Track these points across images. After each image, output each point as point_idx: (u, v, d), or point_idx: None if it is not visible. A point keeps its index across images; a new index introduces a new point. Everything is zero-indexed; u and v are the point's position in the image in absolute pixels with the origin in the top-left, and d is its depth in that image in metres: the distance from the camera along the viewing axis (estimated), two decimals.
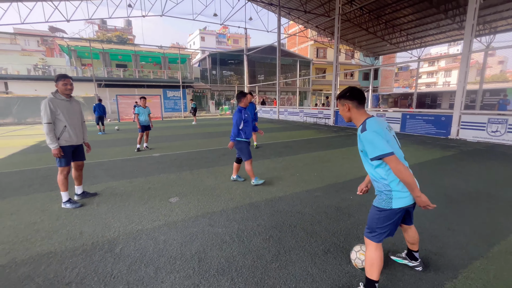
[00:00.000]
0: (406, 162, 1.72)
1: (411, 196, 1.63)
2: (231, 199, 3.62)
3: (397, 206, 1.63)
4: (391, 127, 1.79)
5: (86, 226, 2.88)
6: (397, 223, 1.70)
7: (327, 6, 19.41)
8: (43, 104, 3.20)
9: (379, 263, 1.66)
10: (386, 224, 1.66)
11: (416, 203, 1.66)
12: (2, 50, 34.55)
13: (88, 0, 16.76)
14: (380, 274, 1.71)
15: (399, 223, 1.74)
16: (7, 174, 5.08)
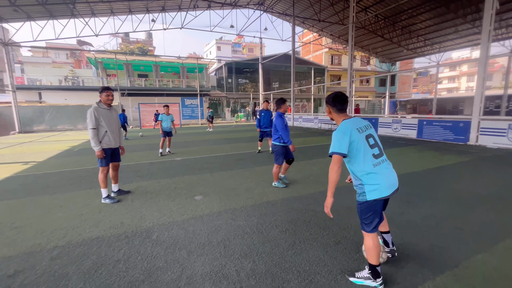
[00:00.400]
0: (387, 161, 1.99)
1: (383, 188, 1.86)
2: (250, 197, 3.94)
3: (372, 198, 1.85)
4: (367, 128, 1.99)
5: (125, 217, 3.31)
6: (379, 212, 1.91)
7: (341, 15, 19.67)
8: (89, 113, 3.72)
9: (376, 249, 1.89)
10: (369, 215, 1.89)
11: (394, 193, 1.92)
12: (35, 62, 37.57)
13: (114, 16, 18.12)
14: (379, 258, 1.94)
15: (381, 212, 1.94)
16: (50, 174, 5.71)
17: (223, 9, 21.43)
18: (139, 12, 18.80)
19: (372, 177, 1.86)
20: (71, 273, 2.18)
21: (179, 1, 18.86)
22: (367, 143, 1.91)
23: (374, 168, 1.87)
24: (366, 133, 1.95)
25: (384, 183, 1.87)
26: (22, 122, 17.45)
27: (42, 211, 3.58)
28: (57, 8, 15.23)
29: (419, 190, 4.23)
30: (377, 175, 1.86)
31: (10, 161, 7.23)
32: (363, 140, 1.90)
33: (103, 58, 23.52)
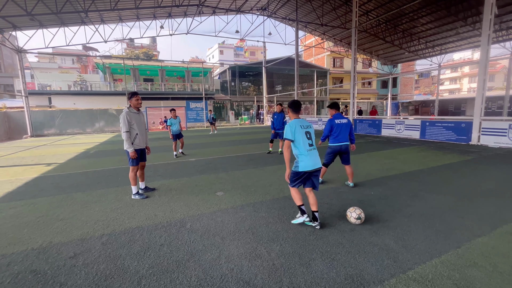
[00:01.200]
0: (311, 148, 3.01)
1: (310, 164, 2.92)
2: (267, 193, 4.27)
3: (301, 170, 2.93)
4: (308, 127, 3.06)
5: (157, 211, 3.65)
6: (302, 181, 3.00)
7: (343, 19, 20.08)
8: (122, 117, 4.07)
9: (296, 195, 3.01)
10: (295, 179, 3.00)
11: (317, 171, 3.02)
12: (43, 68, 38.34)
13: (123, 23, 18.66)
14: (301, 200, 3.01)
15: (304, 181, 3.00)
16: (75, 174, 6.08)
17: (227, 15, 21.95)
18: (147, 19, 19.34)
19: (303, 158, 2.93)
20: (123, 254, 2.52)
21: (185, 8, 19.38)
22: (305, 136, 2.98)
23: (307, 152, 2.94)
24: (306, 130, 3.02)
25: (310, 163, 2.92)
26: (34, 126, 17.95)
27: (80, 206, 3.93)
28: (69, 17, 15.76)
29: (424, 185, 4.54)
30: (307, 156, 2.92)
31: (33, 163, 7.62)
32: (303, 133, 2.97)
33: (110, 63, 24.09)
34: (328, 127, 4.44)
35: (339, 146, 4.38)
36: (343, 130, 4.35)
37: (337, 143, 4.38)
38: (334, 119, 4.41)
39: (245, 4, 21.26)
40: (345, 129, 4.37)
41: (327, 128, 4.46)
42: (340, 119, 4.39)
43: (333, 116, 4.48)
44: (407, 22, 19.35)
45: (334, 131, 4.38)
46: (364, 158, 7.19)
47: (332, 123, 4.39)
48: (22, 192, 4.70)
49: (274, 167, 6.22)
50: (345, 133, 4.38)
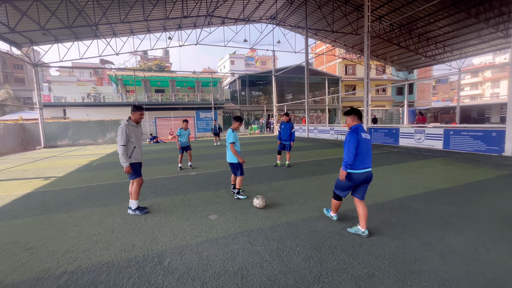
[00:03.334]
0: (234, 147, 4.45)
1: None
2: (267, 217, 3.68)
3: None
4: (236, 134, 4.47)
5: (137, 239, 3.14)
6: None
7: (354, 25, 19.53)
8: (120, 130, 3.80)
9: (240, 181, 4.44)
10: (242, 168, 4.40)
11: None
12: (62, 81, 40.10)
13: (134, 36, 19.03)
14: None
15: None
16: (68, 190, 5.74)
17: (236, 25, 21.99)
18: (157, 31, 19.66)
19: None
20: None
21: (194, 19, 19.55)
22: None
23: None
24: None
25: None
26: (47, 137, 18.32)
27: (56, 230, 3.51)
28: (82, 30, 16.20)
29: (456, 208, 3.79)
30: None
31: (32, 177, 7.43)
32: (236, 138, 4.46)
33: (122, 75, 24.62)
34: (354, 142, 2.87)
35: (364, 174, 2.95)
36: (369, 150, 2.97)
37: (363, 169, 2.93)
38: (359, 131, 2.95)
39: (254, 14, 21.24)
40: (370, 148, 3.00)
41: (351, 145, 2.87)
42: (365, 133, 2.98)
43: (355, 127, 3.01)
44: (423, 26, 18.48)
45: (359, 150, 2.90)
46: (382, 172, 6.44)
47: (359, 138, 2.89)
48: (4, 212, 4.37)
49: (280, 184, 5.62)
50: (370, 155, 2.99)
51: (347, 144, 2.92)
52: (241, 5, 18.45)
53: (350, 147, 2.87)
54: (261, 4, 19.56)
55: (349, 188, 3.07)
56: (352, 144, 2.86)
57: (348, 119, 3.09)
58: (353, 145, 2.86)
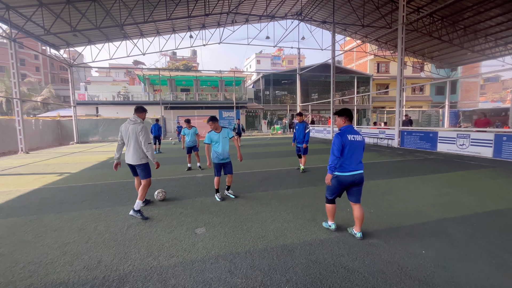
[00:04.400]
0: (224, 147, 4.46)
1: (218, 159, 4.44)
2: (261, 236, 3.08)
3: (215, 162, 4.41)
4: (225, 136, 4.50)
5: (107, 253, 2.75)
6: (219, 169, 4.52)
7: (388, 18, 17.88)
8: (145, 128, 3.86)
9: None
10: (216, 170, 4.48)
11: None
12: (100, 81, 43.08)
13: (160, 36, 19.47)
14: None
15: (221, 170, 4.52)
16: (72, 188, 5.68)
17: (260, 22, 21.49)
18: (182, 31, 19.91)
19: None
20: None
21: (218, 18, 19.45)
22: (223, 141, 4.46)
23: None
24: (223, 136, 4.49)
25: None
26: (80, 134, 19.52)
27: (35, 235, 3.27)
28: (112, 31, 16.90)
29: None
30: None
31: (49, 172, 7.65)
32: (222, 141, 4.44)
33: (150, 75, 25.50)
34: (338, 145, 2.83)
35: (352, 176, 2.87)
36: (357, 152, 2.87)
37: (350, 171, 2.86)
38: (345, 133, 2.87)
39: (279, 10, 20.56)
40: (360, 150, 2.90)
41: (335, 148, 2.84)
42: (354, 135, 2.88)
43: (343, 129, 2.94)
44: (471, 17, 16.28)
45: (345, 153, 2.84)
46: (412, 183, 5.45)
47: (343, 139, 2.83)
48: (1, 209, 4.32)
49: (289, 192, 4.96)
50: (359, 157, 2.90)
51: (333, 145, 2.89)
52: (265, 2, 17.87)
53: (334, 149, 2.87)
54: (286, 0, 18.84)
55: (337, 190, 3.03)
56: (336, 147, 2.85)
57: (339, 120, 3.01)
58: (337, 148, 2.84)
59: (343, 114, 2.96)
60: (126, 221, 3.67)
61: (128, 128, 3.83)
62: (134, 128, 3.82)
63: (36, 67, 46.77)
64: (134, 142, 3.80)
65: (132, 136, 3.79)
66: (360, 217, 2.94)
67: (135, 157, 3.84)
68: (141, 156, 3.85)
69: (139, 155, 3.84)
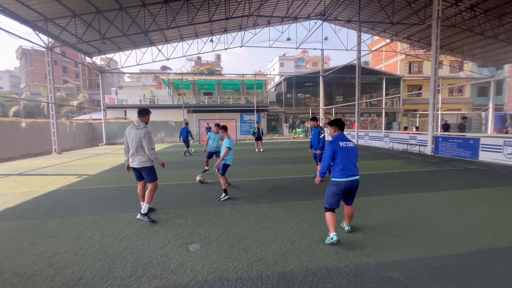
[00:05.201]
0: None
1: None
2: (259, 259, 2.70)
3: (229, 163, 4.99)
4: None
5: (91, 269, 2.56)
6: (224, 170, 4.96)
7: (421, 14, 16.52)
8: (148, 134, 3.77)
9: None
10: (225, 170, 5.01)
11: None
12: (131, 86, 45.69)
13: (183, 41, 19.98)
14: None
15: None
16: (85, 191, 5.76)
17: (282, 24, 21.14)
18: (204, 36, 20.26)
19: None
20: None
21: (239, 21, 19.48)
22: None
23: None
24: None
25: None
26: (109, 135, 20.62)
27: (32, 241, 3.23)
28: (138, 38, 17.67)
29: None
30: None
31: (71, 173, 7.96)
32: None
33: (174, 79, 26.34)
34: (329, 152, 3.01)
35: (350, 182, 2.98)
36: (351, 157, 3.02)
37: (347, 177, 2.96)
38: (337, 141, 3.04)
39: (301, 11, 20.07)
40: (353, 156, 3.06)
41: (327, 154, 3.02)
42: (346, 142, 3.06)
43: (335, 137, 3.14)
44: None
45: (339, 159, 2.98)
46: (447, 199, 4.69)
47: (334, 147, 2.99)
48: (14, 211, 4.44)
49: (299, 205, 4.51)
50: (354, 161, 3.05)
51: (324, 153, 3.08)
52: (286, 3, 17.49)
53: (325, 157, 3.04)
54: (309, 1, 18.29)
55: (338, 197, 3.05)
56: (326, 154, 3.02)
57: (330, 130, 3.21)
58: (328, 155, 3.01)
59: (334, 124, 3.17)
60: (122, 230, 3.51)
61: (131, 133, 3.77)
62: (137, 133, 3.73)
63: (76, 74, 50.99)
64: (137, 147, 3.75)
65: (136, 141, 3.71)
66: (350, 215, 3.27)
67: (139, 161, 3.79)
68: (145, 159, 3.79)
69: (143, 158, 3.78)
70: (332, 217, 2.99)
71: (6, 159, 11.47)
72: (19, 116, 27.98)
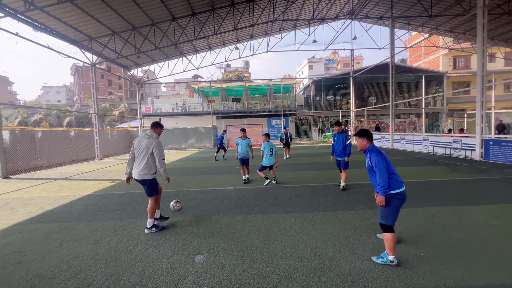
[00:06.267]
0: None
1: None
2: (263, 275, 2.55)
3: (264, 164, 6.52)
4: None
5: (101, 275, 2.67)
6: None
7: (466, 4, 14.90)
8: (160, 145, 3.87)
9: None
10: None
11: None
12: (166, 95, 48.74)
13: (211, 50, 20.71)
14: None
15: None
16: (114, 196, 6.16)
17: (308, 27, 20.75)
18: (231, 43, 20.77)
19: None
20: None
21: (265, 27, 19.59)
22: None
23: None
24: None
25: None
26: None
27: (59, 244, 3.50)
28: (170, 50, 18.77)
29: None
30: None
31: (106, 178, 8.63)
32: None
33: (204, 87, 27.39)
34: (384, 164, 2.67)
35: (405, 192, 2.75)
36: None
37: (403, 187, 2.72)
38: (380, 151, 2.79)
39: (329, 12, 19.50)
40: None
41: (383, 166, 2.65)
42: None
43: (373, 148, 2.83)
44: None
45: (392, 168, 2.73)
46: (500, 217, 4.00)
47: (384, 156, 2.74)
48: (51, 214, 4.90)
49: (316, 216, 4.25)
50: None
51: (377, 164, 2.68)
52: (311, 6, 17.12)
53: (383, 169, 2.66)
54: (336, 0, 17.69)
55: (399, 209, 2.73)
56: (383, 167, 2.67)
57: (361, 141, 2.90)
58: (385, 167, 2.67)
59: (365, 135, 2.88)
60: (137, 237, 3.64)
61: (142, 142, 3.84)
62: (148, 142, 3.81)
63: (119, 86, 56.00)
64: (144, 157, 3.75)
65: (144, 150, 3.77)
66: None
67: (141, 172, 3.75)
68: (146, 172, 3.75)
69: (145, 170, 3.74)
70: (395, 238, 2.67)
71: (58, 165, 12.90)
72: (71, 126, 31.55)
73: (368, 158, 2.79)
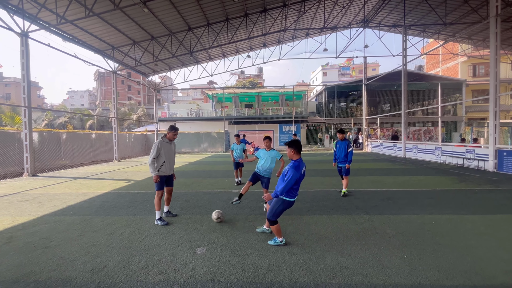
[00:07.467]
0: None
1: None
2: (254, 267, 2.84)
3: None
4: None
5: (114, 260, 3.06)
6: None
7: (483, 11, 14.64)
8: (154, 144, 4.36)
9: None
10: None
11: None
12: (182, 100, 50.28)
13: (225, 58, 21.43)
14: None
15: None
16: (128, 194, 6.67)
17: (321, 35, 21.02)
18: (244, 51, 21.41)
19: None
20: None
21: (277, 36, 20.08)
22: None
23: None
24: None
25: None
26: None
27: (80, 233, 3.96)
28: (185, 59, 19.67)
29: None
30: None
31: (122, 178, 9.24)
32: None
33: (218, 93, 28.19)
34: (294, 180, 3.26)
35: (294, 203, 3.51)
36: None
37: (294, 198, 3.43)
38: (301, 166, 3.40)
39: (341, 20, 19.71)
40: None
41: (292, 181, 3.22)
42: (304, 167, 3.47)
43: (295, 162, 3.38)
44: None
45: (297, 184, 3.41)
46: (494, 226, 4.05)
47: (299, 174, 3.32)
48: (73, 208, 5.44)
49: (313, 219, 4.48)
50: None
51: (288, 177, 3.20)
52: (323, 15, 17.42)
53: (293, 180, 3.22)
54: (348, 9, 17.90)
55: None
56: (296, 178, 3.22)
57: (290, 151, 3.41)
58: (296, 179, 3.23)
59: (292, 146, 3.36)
60: (147, 230, 4.04)
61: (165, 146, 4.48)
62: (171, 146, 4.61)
63: (138, 91, 58.43)
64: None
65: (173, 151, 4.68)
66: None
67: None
68: (151, 170, 4.34)
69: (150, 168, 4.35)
70: (279, 226, 3.42)
71: (79, 165, 13.82)
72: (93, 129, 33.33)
73: (287, 169, 3.24)
